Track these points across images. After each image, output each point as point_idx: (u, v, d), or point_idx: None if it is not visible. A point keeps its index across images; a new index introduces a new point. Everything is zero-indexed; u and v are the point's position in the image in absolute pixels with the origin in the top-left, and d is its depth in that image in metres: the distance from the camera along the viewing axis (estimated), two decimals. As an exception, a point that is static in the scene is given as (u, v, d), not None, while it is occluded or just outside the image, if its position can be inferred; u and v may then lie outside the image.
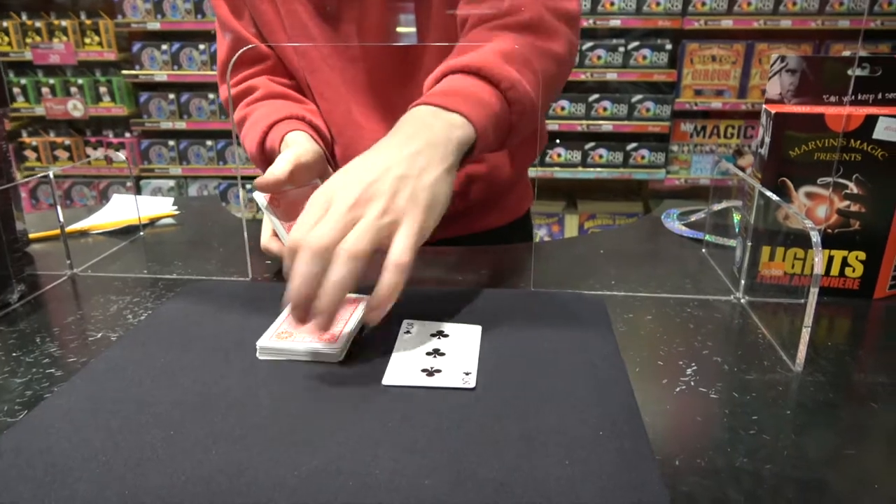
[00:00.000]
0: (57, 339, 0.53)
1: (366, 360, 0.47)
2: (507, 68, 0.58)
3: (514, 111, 0.58)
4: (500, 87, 0.57)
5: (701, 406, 0.44)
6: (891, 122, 0.53)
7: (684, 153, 2.81)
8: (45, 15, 2.83)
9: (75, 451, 0.37)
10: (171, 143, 2.94)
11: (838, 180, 0.56)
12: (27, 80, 2.85)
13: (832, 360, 0.50)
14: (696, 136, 2.80)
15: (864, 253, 0.58)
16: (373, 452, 0.37)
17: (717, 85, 2.67)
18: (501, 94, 0.57)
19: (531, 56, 0.61)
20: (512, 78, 0.57)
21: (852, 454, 0.39)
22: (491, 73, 0.57)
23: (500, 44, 0.61)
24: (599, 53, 2.63)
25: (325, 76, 0.77)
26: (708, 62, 2.64)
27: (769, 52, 2.61)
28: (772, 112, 0.57)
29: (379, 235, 0.46)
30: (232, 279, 0.65)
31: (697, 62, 2.64)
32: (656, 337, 0.53)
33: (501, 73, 0.57)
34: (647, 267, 0.68)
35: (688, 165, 2.82)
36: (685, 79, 2.65)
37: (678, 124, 2.75)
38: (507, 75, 0.57)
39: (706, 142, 2.80)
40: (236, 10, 0.78)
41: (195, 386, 0.44)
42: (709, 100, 2.66)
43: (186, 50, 2.77)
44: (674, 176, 2.80)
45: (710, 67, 2.64)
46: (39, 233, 0.77)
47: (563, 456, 0.36)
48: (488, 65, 0.57)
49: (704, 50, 2.62)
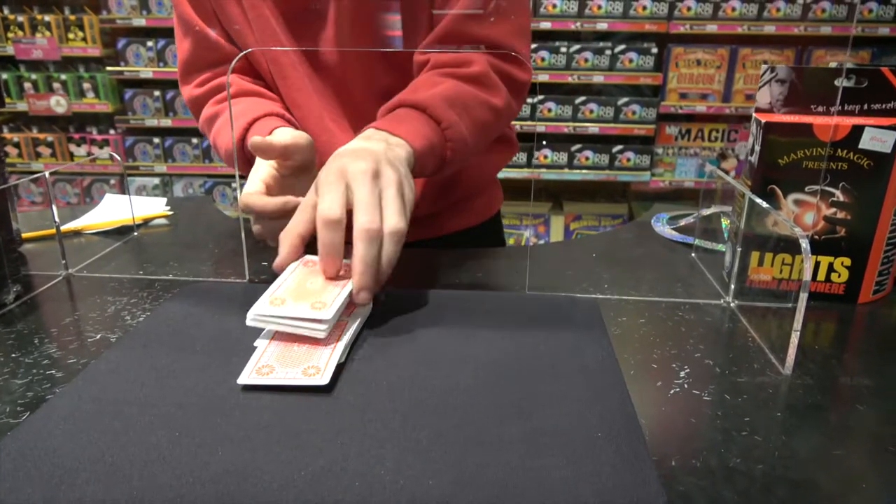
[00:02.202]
0: (56, 340, 0.53)
1: (368, 361, 0.48)
2: (449, 111, 0.67)
3: (449, 147, 0.67)
4: (441, 126, 0.66)
5: (695, 408, 0.45)
6: (876, 133, 0.55)
7: (669, 156, 2.84)
8: (27, 9, 2.80)
9: (82, 452, 0.37)
10: (156, 141, 2.92)
11: (825, 188, 0.58)
12: (9, 75, 2.82)
13: (819, 363, 0.51)
14: (681, 139, 2.83)
15: (850, 259, 0.60)
16: (377, 453, 0.38)
17: (701, 89, 2.70)
18: (441, 132, 0.66)
19: (472, 104, 0.70)
20: (451, 119, 0.66)
21: (840, 454, 0.41)
22: (434, 112, 0.66)
23: (447, 89, 0.68)
24: (586, 56, 2.65)
25: (295, 82, 0.78)
26: (693, 66, 2.67)
27: (753, 58, 2.64)
28: (761, 121, 0.58)
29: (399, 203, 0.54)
30: (229, 280, 0.65)
31: (682, 66, 2.67)
32: (649, 340, 0.54)
33: (443, 114, 0.66)
34: (639, 271, 0.70)
35: (672, 168, 2.85)
36: (670, 82, 2.68)
37: (663, 127, 2.78)
38: (447, 116, 0.66)
39: (691, 145, 2.84)
40: (200, 8, 0.78)
41: (198, 387, 0.44)
42: (693, 103, 2.69)
43: (172, 47, 2.75)
44: (658, 178, 2.83)
45: (694, 71, 2.67)
46: (30, 232, 0.77)
47: (562, 457, 0.37)
48: (433, 105, 0.66)
49: (689, 54, 2.65)
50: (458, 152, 0.68)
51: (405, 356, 0.49)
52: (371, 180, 0.54)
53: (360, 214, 0.52)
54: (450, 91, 0.68)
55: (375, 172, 0.55)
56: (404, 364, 0.48)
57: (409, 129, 0.63)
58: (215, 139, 0.78)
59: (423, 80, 0.71)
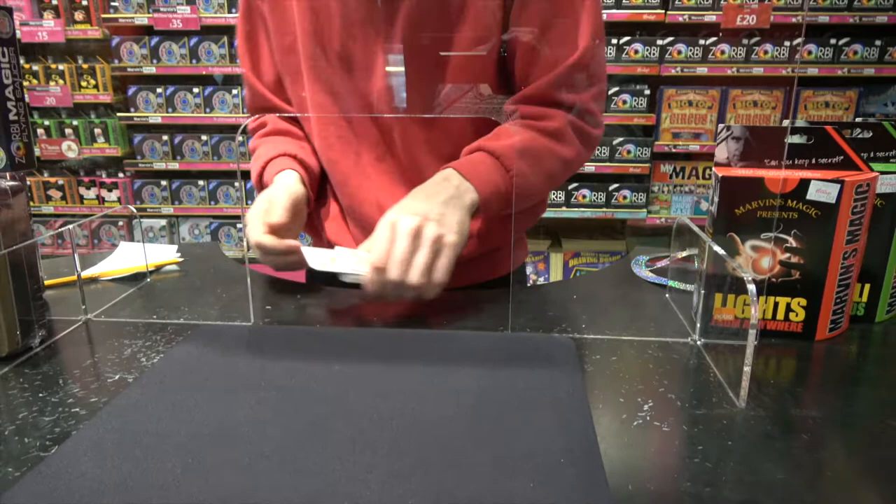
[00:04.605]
0: (78, 380, 0.58)
1: (362, 394, 0.53)
2: (520, 161, 0.77)
3: (516, 193, 0.78)
4: (510, 174, 0.77)
5: (654, 438, 0.50)
6: (821, 186, 0.61)
7: (664, 193, 2.91)
8: (42, 59, 2.92)
9: (106, 476, 0.42)
10: (163, 183, 3.00)
11: (779, 235, 0.63)
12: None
13: (773, 396, 0.56)
14: (676, 176, 2.90)
15: (805, 299, 0.65)
16: (365, 478, 0.43)
17: (694, 128, 2.78)
18: (509, 179, 0.77)
19: (544, 154, 0.80)
20: (521, 169, 0.77)
21: (782, 478, 0.45)
22: (506, 162, 0.77)
23: (522, 140, 0.79)
24: (581, 98, 2.73)
25: (335, 122, 0.86)
26: (685, 107, 2.75)
27: (743, 98, 2.73)
28: (719, 175, 0.64)
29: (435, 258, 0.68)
30: (236, 324, 0.70)
31: (675, 107, 2.75)
32: (619, 376, 0.59)
33: (513, 163, 0.77)
34: (615, 311, 0.75)
35: (668, 205, 2.92)
36: (663, 122, 2.76)
37: (658, 166, 2.86)
38: (518, 167, 0.77)
39: (685, 182, 2.91)
40: (255, 61, 0.89)
41: (208, 420, 0.49)
42: (686, 142, 2.77)
43: (181, 93, 2.86)
44: (655, 215, 2.89)
45: (686, 112, 2.76)
46: (48, 280, 0.83)
47: (528, 479, 0.42)
48: (506, 154, 0.77)
49: (681, 95, 2.73)
50: (522, 198, 0.80)
51: (396, 390, 0.54)
52: (411, 240, 0.67)
53: (392, 268, 0.67)
54: (525, 142, 0.79)
55: (418, 231, 0.68)
56: (395, 397, 0.53)
57: (480, 176, 0.76)
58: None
59: (504, 129, 0.81)
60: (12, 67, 0.60)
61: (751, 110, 2.74)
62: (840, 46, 2.64)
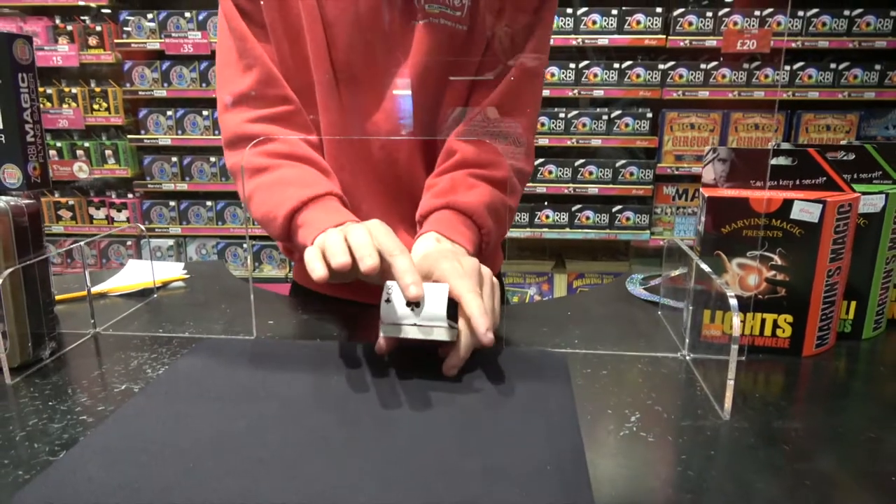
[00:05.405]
0: (86, 390, 0.60)
1: (363, 405, 0.55)
2: (488, 219, 0.80)
3: (483, 245, 0.81)
4: (481, 231, 0.80)
5: (639, 448, 0.52)
6: (804, 206, 0.63)
7: (668, 215, 2.93)
8: (56, 82, 2.98)
9: (113, 479, 0.44)
10: (171, 204, 3.05)
11: (764, 253, 0.65)
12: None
13: (757, 409, 0.58)
14: (679, 198, 2.92)
15: (792, 316, 0.67)
16: (359, 485, 0.45)
17: (696, 151, 2.81)
18: (481, 236, 0.80)
19: (501, 210, 0.84)
20: (489, 226, 0.80)
21: (761, 487, 0.47)
22: (478, 220, 0.79)
23: (483, 195, 0.81)
24: (584, 121, 2.77)
25: (343, 144, 0.86)
26: (687, 129, 2.78)
27: (744, 121, 2.76)
28: (706, 195, 0.66)
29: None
30: (238, 337, 0.73)
31: (677, 129, 2.78)
32: (609, 390, 0.61)
33: (485, 222, 0.80)
34: (608, 327, 0.77)
35: (671, 227, 2.94)
36: (666, 145, 2.79)
37: (661, 187, 2.88)
38: (487, 224, 0.80)
39: (689, 204, 2.93)
40: (265, 42, 0.82)
41: (209, 429, 0.51)
42: (689, 164, 2.80)
43: (190, 116, 2.91)
44: (658, 237, 2.91)
45: (688, 134, 2.79)
46: (59, 295, 0.85)
47: (515, 486, 0.44)
48: (479, 213, 0.79)
49: (683, 118, 2.77)
50: (489, 247, 0.82)
51: (394, 402, 0.56)
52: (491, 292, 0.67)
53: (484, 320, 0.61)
54: (486, 197, 0.81)
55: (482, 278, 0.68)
56: (392, 407, 0.55)
57: (463, 237, 0.77)
58: (252, 197, 0.79)
59: (461, 182, 0.82)
60: (30, 92, 0.63)
61: (752, 133, 2.77)
62: (840, 71, 2.67)
